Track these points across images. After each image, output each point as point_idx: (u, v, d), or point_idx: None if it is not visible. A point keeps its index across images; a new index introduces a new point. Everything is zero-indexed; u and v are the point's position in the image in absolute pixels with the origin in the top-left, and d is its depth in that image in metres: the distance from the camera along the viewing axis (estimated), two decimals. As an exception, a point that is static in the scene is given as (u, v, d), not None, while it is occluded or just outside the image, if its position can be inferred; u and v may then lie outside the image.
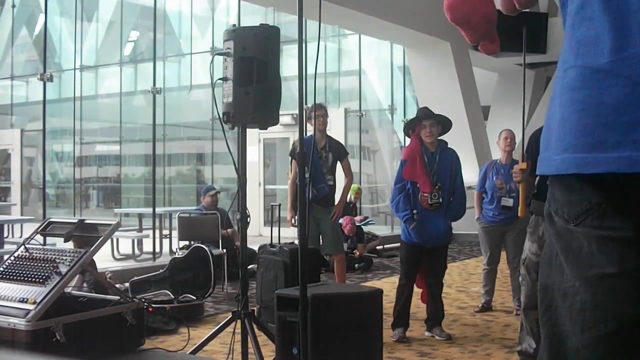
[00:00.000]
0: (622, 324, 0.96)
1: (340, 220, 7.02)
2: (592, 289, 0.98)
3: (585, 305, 0.98)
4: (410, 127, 4.72)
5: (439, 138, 4.67)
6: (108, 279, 5.06)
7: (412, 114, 13.68)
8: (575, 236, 0.99)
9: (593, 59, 0.94)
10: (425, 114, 4.69)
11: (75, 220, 3.49)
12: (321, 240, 5.68)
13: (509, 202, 5.41)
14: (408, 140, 4.86)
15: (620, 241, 0.95)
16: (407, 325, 4.71)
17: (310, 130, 5.51)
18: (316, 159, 5.45)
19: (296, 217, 5.34)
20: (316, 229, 5.55)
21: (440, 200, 4.57)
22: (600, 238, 0.96)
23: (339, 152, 5.70)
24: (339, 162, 5.72)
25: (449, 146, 4.72)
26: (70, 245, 3.42)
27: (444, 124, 4.69)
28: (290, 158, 5.64)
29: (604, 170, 0.91)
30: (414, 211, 4.56)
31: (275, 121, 3.64)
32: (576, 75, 0.96)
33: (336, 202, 5.68)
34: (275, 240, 6.99)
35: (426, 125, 4.58)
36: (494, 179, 5.56)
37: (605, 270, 0.96)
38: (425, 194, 4.55)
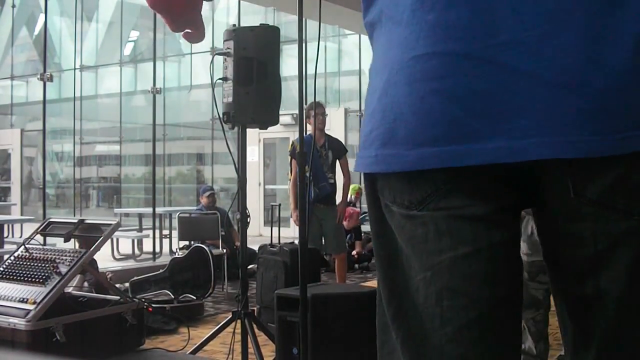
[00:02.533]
0: (482, 308, 0.90)
1: None
2: (446, 274, 0.89)
3: (441, 294, 0.90)
4: None
5: None
6: (108, 279, 5.06)
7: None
8: (419, 222, 0.90)
9: (458, 44, 0.84)
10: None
11: (75, 220, 3.49)
12: (323, 240, 5.68)
13: None
14: None
15: (470, 218, 0.88)
16: None
17: (309, 129, 5.52)
18: (316, 157, 5.45)
19: None
20: (319, 229, 5.54)
21: None
22: (448, 217, 0.89)
23: (339, 150, 5.71)
24: (338, 160, 5.72)
25: None
26: (70, 245, 3.42)
27: None
28: (290, 158, 5.63)
29: (480, 161, 0.84)
30: None
31: (275, 121, 3.64)
32: (437, 63, 0.85)
33: (338, 202, 5.68)
34: (275, 240, 7.00)
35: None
36: None
37: (458, 251, 0.88)
38: None
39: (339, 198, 5.77)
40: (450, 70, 0.85)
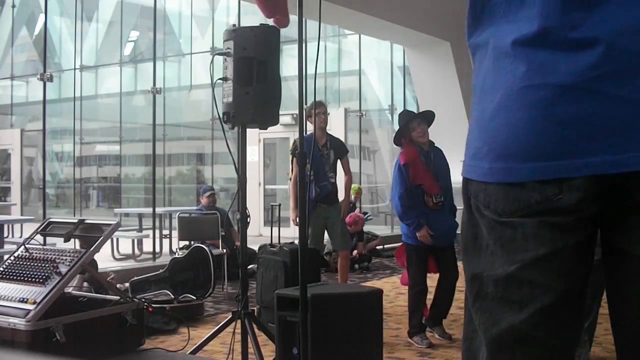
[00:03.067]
0: (556, 296, 1.09)
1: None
2: (528, 269, 1.09)
3: (522, 284, 1.10)
4: (402, 136, 4.64)
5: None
6: (109, 280, 5.06)
7: (412, 114, 13.72)
8: (508, 225, 1.10)
9: (566, 77, 1.04)
10: (408, 115, 4.68)
11: (75, 220, 3.49)
12: (327, 238, 5.67)
13: None
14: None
15: (552, 225, 1.07)
16: (424, 329, 4.63)
17: (310, 128, 5.51)
18: (318, 156, 5.45)
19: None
20: (322, 229, 5.51)
21: (442, 198, 4.59)
22: (534, 224, 1.08)
23: (340, 149, 5.70)
24: (339, 160, 5.72)
25: (436, 145, 4.73)
26: (70, 245, 3.42)
27: (428, 118, 4.68)
28: (291, 157, 5.63)
29: (589, 173, 1.03)
30: (421, 220, 4.53)
31: (275, 121, 3.64)
32: (548, 93, 1.05)
33: (340, 201, 5.68)
34: (275, 240, 7.00)
35: (414, 126, 4.56)
36: None
37: (539, 252, 1.08)
38: (432, 196, 4.54)
39: (340, 198, 5.77)
40: (557, 99, 1.04)
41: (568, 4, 1.04)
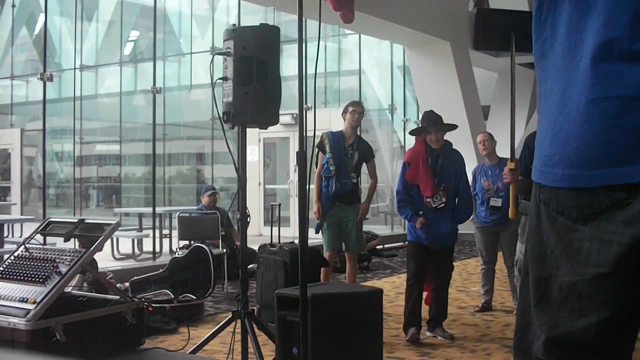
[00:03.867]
0: (612, 312, 1.15)
1: None
2: (588, 284, 1.16)
3: (581, 295, 1.17)
4: (417, 134, 4.72)
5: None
6: (108, 279, 5.06)
7: (412, 113, 13.72)
8: (577, 236, 1.17)
9: (629, 90, 1.10)
10: (431, 122, 4.64)
11: (75, 220, 3.49)
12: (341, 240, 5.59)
13: (498, 202, 5.45)
14: (409, 140, 4.87)
15: (618, 244, 1.12)
16: (419, 325, 4.67)
17: (343, 125, 5.51)
18: (342, 154, 5.41)
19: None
20: (336, 227, 5.45)
21: (444, 200, 4.58)
22: (601, 241, 1.14)
23: (366, 152, 5.60)
24: (364, 163, 5.64)
25: (453, 147, 4.73)
26: (70, 245, 3.42)
27: (448, 128, 4.71)
28: (317, 150, 5.54)
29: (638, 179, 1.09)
30: (420, 212, 4.57)
31: (275, 121, 3.64)
32: (613, 105, 1.11)
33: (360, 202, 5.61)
34: (275, 240, 7.00)
35: (432, 131, 4.59)
36: (482, 181, 5.62)
37: (599, 269, 1.14)
38: (428, 198, 4.56)
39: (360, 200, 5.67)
40: (623, 110, 1.10)
41: (632, 16, 1.09)
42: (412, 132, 4.88)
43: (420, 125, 4.81)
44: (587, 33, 1.14)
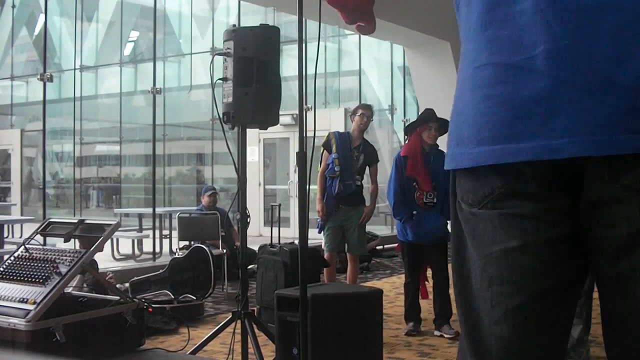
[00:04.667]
0: (527, 296, 1.02)
1: None
2: (497, 263, 1.03)
3: (492, 280, 1.04)
4: (413, 128, 4.81)
5: None
6: (108, 279, 5.06)
7: (412, 114, 13.70)
8: (479, 218, 1.05)
9: (508, 56, 0.99)
10: (430, 116, 4.78)
11: (75, 221, 3.49)
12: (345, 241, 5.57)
13: None
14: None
15: (521, 216, 1.01)
16: (419, 319, 4.82)
17: (351, 127, 5.54)
18: (348, 155, 5.41)
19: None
20: (340, 232, 5.41)
21: (435, 200, 4.68)
22: (502, 215, 1.02)
23: (371, 156, 5.58)
24: (368, 167, 5.62)
25: (439, 148, 4.83)
26: (70, 245, 3.42)
27: (445, 128, 4.75)
28: (322, 149, 5.53)
29: (523, 158, 0.97)
30: (414, 212, 4.67)
31: (275, 121, 3.64)
32: (491, 73, 1.00)
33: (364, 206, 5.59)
34: (275, 240, 6.99)
35: (431, 127, 4.68)
36: None
37: (508, 244, 1.02)
38: (423, 192, 4.65)
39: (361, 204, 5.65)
40: (499, 79, 1.00)
41: None
42: (409, 126, 4.94)
43: (417, 119, 4.92)
44: (473, 5, 1.06)
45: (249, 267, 6.28)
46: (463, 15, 1.10)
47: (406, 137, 4.95)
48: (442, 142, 4.78)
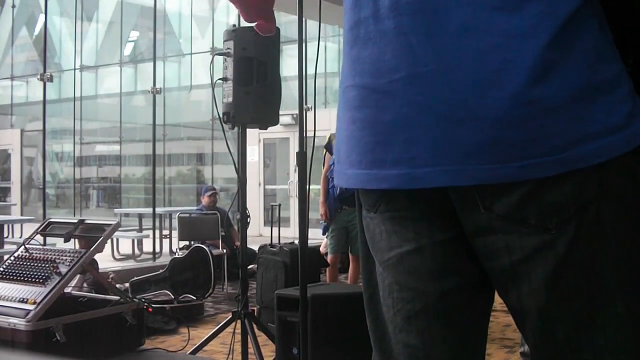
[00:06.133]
0: (428, 301, 0.98)
1: None
2: (394, 269, 1.00)
3: (392, 287, 1.00)
4: None
5: None
6: (109, 279, 5.06)
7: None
8: (375, 223, 1.02)
9: (370, 79, 0.95)
10: None
11: (75, 221, 3.49)
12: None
13: None
14: None
15: (411, 219, 0.97)
16: None
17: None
18: None
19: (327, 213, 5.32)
20: (344, 234, 5.40)
21: None
22: (394, 218, 0.99)
23: None
24: None
25: None
26: (70, 245, 3.42)
27: None
28: (324, 151, 5.52)
29: (386, 186, 0.94)
30: None
31: (275, 121, 3.64)
32: (356, 95, 0.97)
33: None
34: (275, 240, 7.00)
35: None
36: None
37: (403, 248, 0.98)
38: None
39: None
40: (363, 102, 0.95)
41: None
42: None
43: None
44: (345, 17, 1.01)
45: (249, 267, 6.27)
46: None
47: None
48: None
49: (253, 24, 1.17)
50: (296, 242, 4.08)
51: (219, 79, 3.52)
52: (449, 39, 0.88)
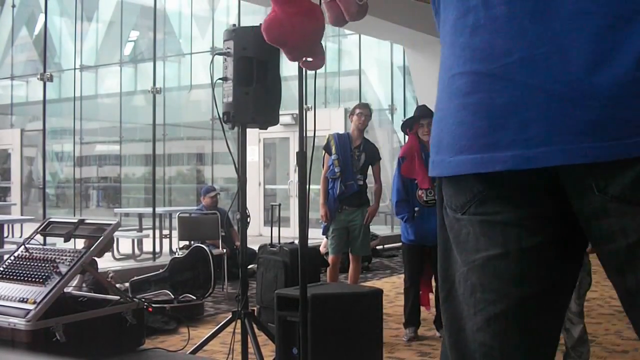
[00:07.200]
0: (509, 304, 1.02)
1: None
2: (479, 271, 1.03)
3: (475, 288, 1.04)
4: (408, 126, 4.79)
5: None
6: (109, 279, 5.06)
7: (412, 113, 13.71)
8: (462, 224, 1.05)
9: (481, 64, 0.97)
10: (423, 113, 4.73)
11: (75, 220, 3.49)
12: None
13: None
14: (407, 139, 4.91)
15: (501, 224, 1.00)
16: (418, 324, 4.75)
17: (350, 127, 5.52)
18: (348, 156, 5.39)
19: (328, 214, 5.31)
20: (344, 232, 5.38)
21: (436, 197, 4.60)
22: (483, 222, 1.02)
23: (373, 155, 5.55)
24: (371, 166, 5.59)
25: None
26: (70, 245, 3.42)
27: None
28: (323, 152, 5.52)
29: (500, 168, 0.95)
30: (415, 208, 4.60)
31: (275, 121, 3.64)
32: (467, 81, 0.99)
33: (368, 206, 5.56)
34: (275, 240, 7.00)
35: (424, 124, 4.64)
36: None
37: (490, 252, 1.02)
38: (423, 190, 4.59)
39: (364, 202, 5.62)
40: (475, 87, 0.98)
41: None
42: (403, 125, 4.92)
43: (411, 117, 4.89)
44: (449, 10, 1.05)
45: (249, 267, 6.28)
46: (441, 21, 1.10)
47: (407, 133, 4.91)
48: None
49: (260, 26, 1.19)
50: (296, 242, 4.08)
51: (219, 79, 3.52)
52: (563, 20, 0.91)
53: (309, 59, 1.25)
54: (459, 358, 1.09)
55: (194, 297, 5.63)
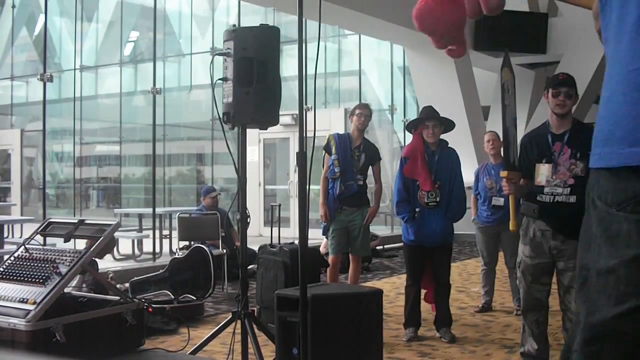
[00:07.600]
0: None
1: None
2: (628, 266, 1.10)
3: (620, 280, 1.11)
4: (413, 126, 4.77)
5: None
6: (109, 279, 5.06)
7: (412, 114, 13.70)
8: (616, 219, 1.11)
9: None
10: (428, 114, 4.71)
11: (75, 221, 3.49)
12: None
13: (500, 201, 5.44)
14: (409, 139, 4.89)
15: None
16: (418, 324, 4.75)
17: (350, 128, 5.52)
18: (348, 156, 5.37)
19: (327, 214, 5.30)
20: (344, 232, 5.36)
21: (438, 199, 4.58)
22: (638, 221, 1.07)
23: (373, 155, 5.53)
24: (371, 167, 5.58)
25: (449, 146, 4.75)
26: (70, 245, 3.42)
27: (447, 125, 4.72)
28: (323, 152, 5.51)
29: None
30: (416, 209, 4.59)
31: (275, 121, 3.64)
32: None
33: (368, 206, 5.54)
34: (275, 241, 6.99)
35: (429, 125, 4.63)
36: (485, 179, 5.61)
37: None
38: (424, 192, 4.57)
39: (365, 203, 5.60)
40: None
41: None
42: (408, 125, 4.90)
43: (417, 117, 4.89)
44: (630, 6, 1.09)
45: (249, 267, 6.28)
46: (614, 16, 1.13)
47: (411, 133, 4.88)
48: (448, 140, 4.80)
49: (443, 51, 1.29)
50: (296, 242, 4.07)
51: (219, 79, 3.52)
52: None
53: (453, 47, 1.32)
54: (587, 341, 1.16)
55: (194, 298, 5.63)
